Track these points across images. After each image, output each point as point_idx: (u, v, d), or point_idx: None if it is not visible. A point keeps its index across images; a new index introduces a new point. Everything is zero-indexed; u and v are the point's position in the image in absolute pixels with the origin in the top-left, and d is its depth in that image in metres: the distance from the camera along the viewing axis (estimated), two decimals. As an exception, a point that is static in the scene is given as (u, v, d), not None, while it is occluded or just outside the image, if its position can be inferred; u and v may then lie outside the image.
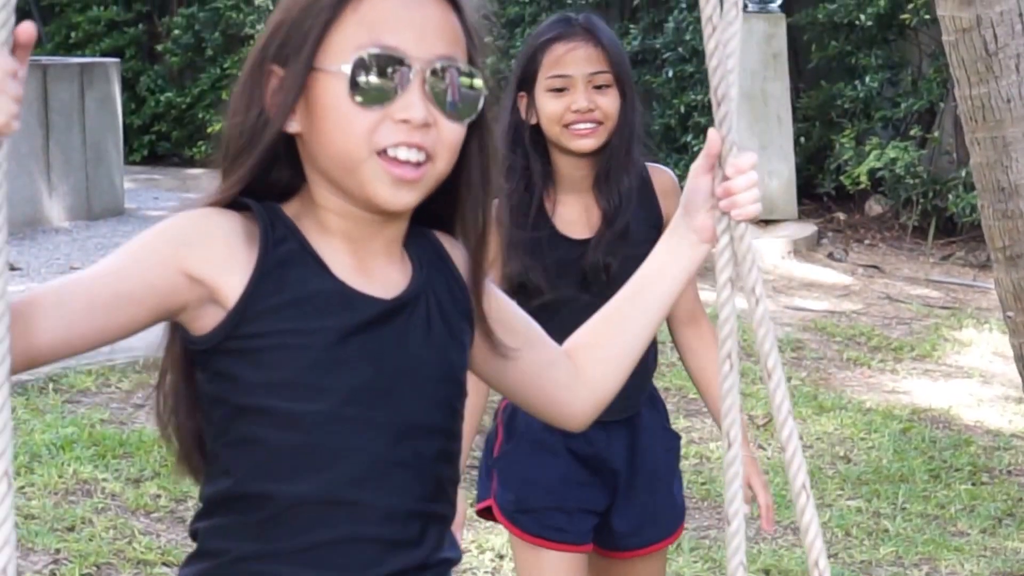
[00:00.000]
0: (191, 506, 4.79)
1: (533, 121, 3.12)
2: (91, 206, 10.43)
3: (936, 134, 10.65)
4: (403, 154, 1.73)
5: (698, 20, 11.65)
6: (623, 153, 3.09)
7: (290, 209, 1.80)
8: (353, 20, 1.74)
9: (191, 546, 1.84)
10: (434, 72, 1.74)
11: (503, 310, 1.90)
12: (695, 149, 11.05)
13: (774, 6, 10.53)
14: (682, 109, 11.19)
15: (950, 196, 10.13)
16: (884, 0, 10.52)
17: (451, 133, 1.76)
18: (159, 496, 4.81)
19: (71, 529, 4.52)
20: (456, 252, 1.87)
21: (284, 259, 1.75)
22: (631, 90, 3.11)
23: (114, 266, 1.74)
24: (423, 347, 1.80)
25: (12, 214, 7.22)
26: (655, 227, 3.04)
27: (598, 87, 3.07)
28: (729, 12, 1.88)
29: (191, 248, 1.75)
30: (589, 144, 3.06)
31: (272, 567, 1.75)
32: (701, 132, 11.15)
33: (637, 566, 3.28)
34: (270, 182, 1.80)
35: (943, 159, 10.67)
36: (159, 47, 13.96)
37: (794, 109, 10.70)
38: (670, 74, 11.20)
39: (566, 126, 3.06)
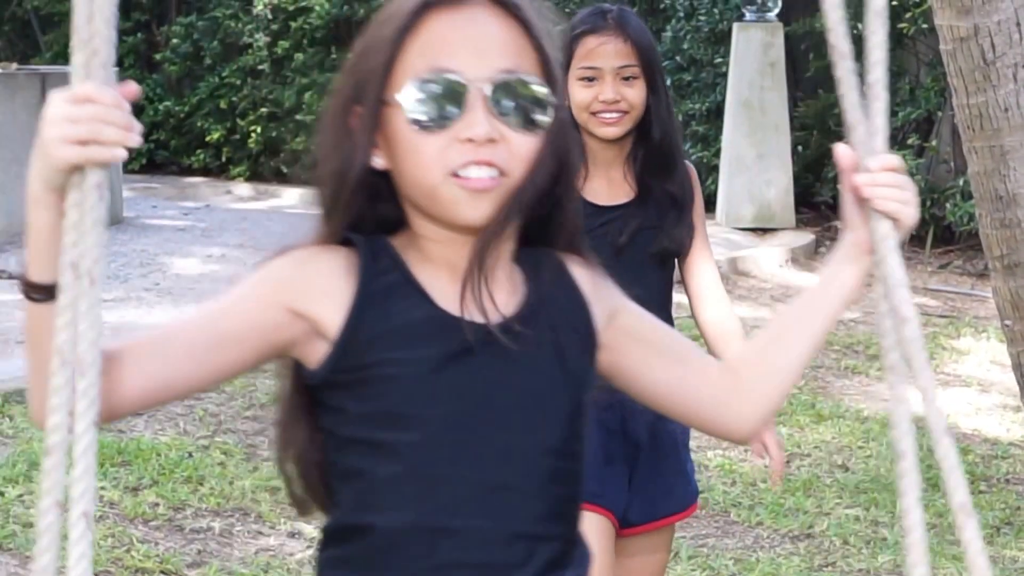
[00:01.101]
0: (189, 514, 4.79)
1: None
2: (89, 215, 10.43)
3: (934, 143, 10.66)
4: (474, 172, 1.74)
5: (696, 29, 11.73)
6: (665, 142, 3.32)
7: (398, 241, 1.81)
8: (413, 49, 1.76)
9: (188, 554, 1.85)
10: (496, 87, 1.75)
11: (641, 327, 1.91)
12: (693, 158, 11.07)
13: (772, 15, 10.55)
14: (680, 118, 11.19)
15: (948, 205, 10.14)
16: (882, 9, 10.53)
17: (522, 146, 1.76)
18: (157, 504, 4.81)
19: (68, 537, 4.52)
20: (581, 271, 1.87)
21: (386, 290, 1.78)
22: (661, 80, 3.35)
23: (216, 308, 1.79)
24: (529, 368, 1.80)
25: (11, 222, 7.27)
26: (679, 210, 3.33)
27: (625, 79, 3.28)
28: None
29: (292, 284, 1.78)
30: (613, 132, 3.27)
31: None
32: (700, 140, 11.17)
33: (645, 541, 3.36)
34: (379, 217, 1.81)
35: (941, 168, 10.68)
36: (157, 56, 13.98)
37: (792, 118, 10.72)
38: (668, 83, 11.18)
39: (593, 114, 3.27)
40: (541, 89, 1.77)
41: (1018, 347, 4.65)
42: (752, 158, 10.33)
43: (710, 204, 10.60)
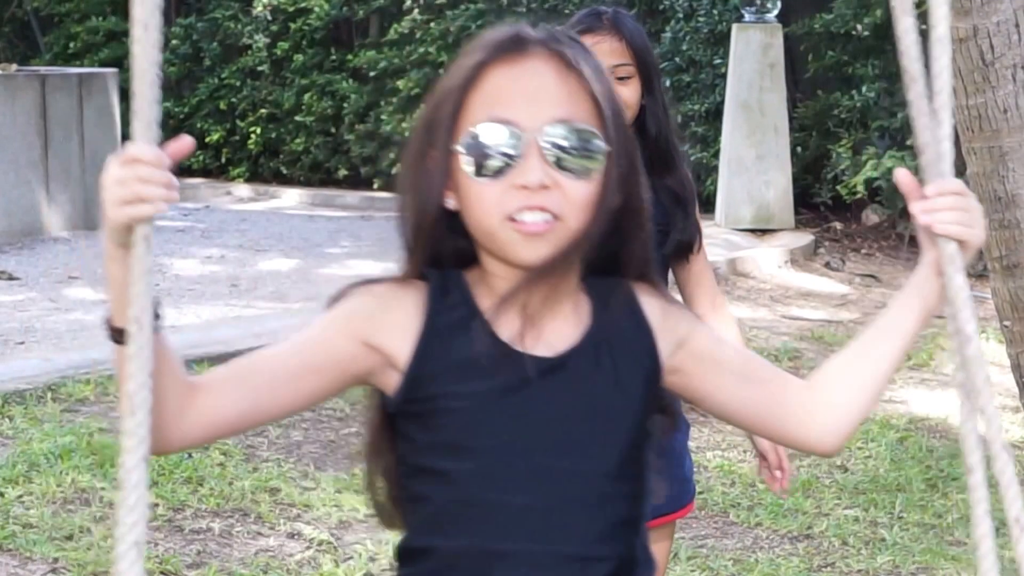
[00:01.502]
0: (188, 515, 4.80)
1: None
2: (89, 216, 10.44)
3: (933, 144, 10.67)
4: (528, 217, 1.84)
5: (695, 31, 11.74)
6: (662, 140, 3.30)
7: (472, 275, 1.92)
8: (475, 100, 1.87)
9: (188, 555, 1.87)
10: (550, 136, 1.84)
11: (714, 351, 1.99)
12: (692, 159, 11.07)
13: (771, 16, 10.55)
14: (679, 119, 11.19)
15: (947, 206, 10.14)
16: (881, 10, 10.54)
17: (576, 192, 1.84)
18: (156, 505, 4.81)
19: (69, 538, 4.52)
20: (650, 300, 1.95)
21: (452, 325, 1.88)
22: (657, 80, 3.31)
23: (297, 341, 1.91)
24: (585, 397, 1.89)
25: (10, 223, 7.26)
26: (683, 206, 3.32)
27: (620, 78, 3.24)
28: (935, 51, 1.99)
29: (366, 318, 1.90)
30: None
31: None
32: (698, 141, 11.18)
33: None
34: (457, 251, 1.91)
35: (940, 169, 10.68)
36: (157, 57, 13.98)
37: (791, 119, 10.72)
38: (667, 84, 11.21)
39: None
40: (594, 137, 1.85)
41: (1017, 348, 4.66)
42: (751, 159, 10.34)
43: (709, 205, 10.61)
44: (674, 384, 1.97)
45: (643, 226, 1.92)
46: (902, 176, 1.95)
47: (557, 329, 1.90)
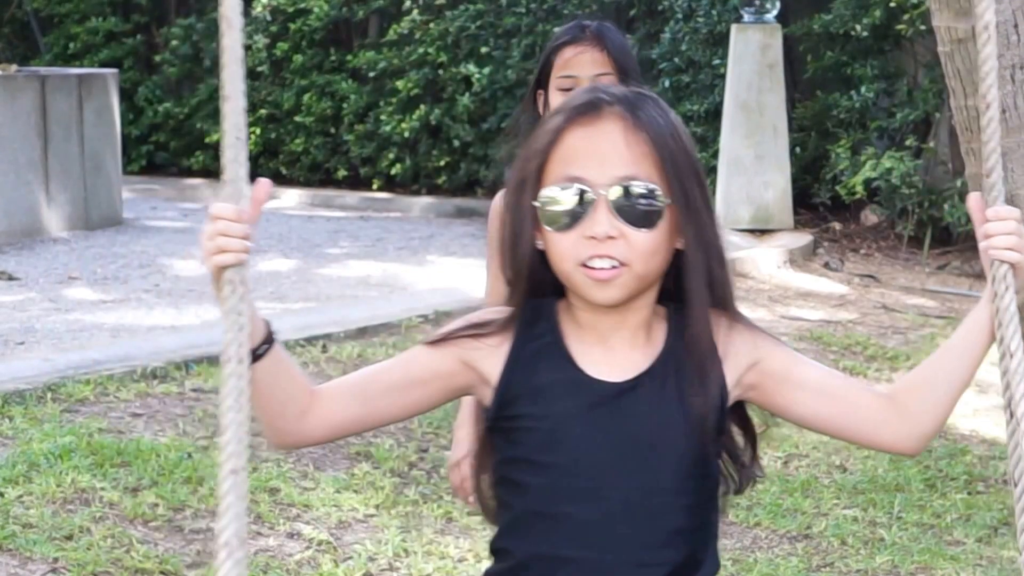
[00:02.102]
0: (188, 515, 4.80)
1: None
2: (89, 216, 10.45)
3: (932, 144, 10.67)
4: (597, 264, 2.10)
5: (694, 31, 11.74)
6: None
7: (562, 304, 2.18)
8: (555, 158, 2.13)
9: (188, 555, 1.91)
10: (616, 193, 2.10)
11: (789, 370, 2.21)
12: (692, 159, 11.06)
13: (770, 17, 10.56)
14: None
15: (946, 206, 10.15)
16: (880, 11, 10.55)
17: (640, 241, 2.10)
18: (157, 505, 4.82)
19: (69, 538, 4.53)
20: (723, 326, 2.17)
21: (536, 352, 2.16)
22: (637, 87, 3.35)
23: (406, 357, 2.22)
24: (650, 420, 2.14)
25: (11, 224, 7.28)
26: None
27: None
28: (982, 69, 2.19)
29: (467, 341, 2.18)
30: None
31: None
32: (697, 142, 11.18)
33: None
34: (555, 283, 2.17)
35: (939, 169, 10.69)
36: (157, 58, 13.99)
37: (790, 119, 10.73)
38: (666, 84, 11.22)
39: None
40: (654, 193, 2.11)
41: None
42: (750, 159, 10.35)
43: (709, 205, 10.61)
44: (753, 399, 2.23)
45: (711, 260, 2.15)
46: (972, 202, 2.15)
47: (629, 356, 2.15)
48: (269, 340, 2.14)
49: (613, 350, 2.15)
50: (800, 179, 10.89)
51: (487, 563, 5.11)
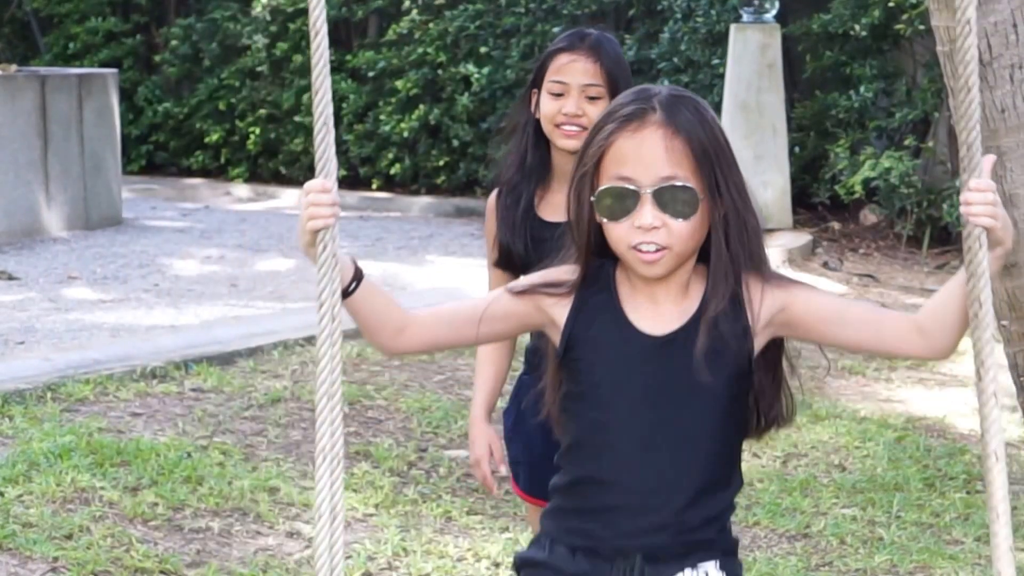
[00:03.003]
0: (188, 514, 4.81)
1: (538, 116, 3.62)
2: (89, 216, 10.46)
3: (930, 144, 10.68)
4: (645, 247, 2.58)
5: (693, 31, 11.73)
6: None
7: (620, 268, 2.66)
8: (607, 161, 2.61)
9: (187, 554, 1.91)
10: (658, 191, 2.58)
11: (817, 308, 2.67)
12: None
13: (769, 17, 10.57)
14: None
15: (944, 206, 10.15)
16: (879, 11, 10.56)
17: (679, 229, 2.58)
18: (156, 504, 4.83)
19: (69, 537, 4.53)
20: (755, 284, 2.64)
21: (597, 305, 2.65)
22: None
23: (493, 295, 2.74)
24: (681, 369, 2.60)
25: (10, 224, 7.28)
26: None
27: (591, 98, 3.55)
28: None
29: (543, 294, 2.68)
30: (572, 144, 3.50)
31: (574, 520, 2.66)
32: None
33: None
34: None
35: (937, 169, 10.70)
36: (157, 58, 13.99)
37: (789, 119, 10.74)
38: (665, 84, 11.21)
39: (557, 125, 3.56)
40: (689, 190, 2.58)
41: (1015, 347, 4.67)
42: (749, 159, 10.35)
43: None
44: (789, 335, 2.71)
45: (742, 232, 2.62)
46: (986, 162, 2.50)
47: (672, 311, 2.63)
48: (358, 279, 2.67)
49: (659, 305, 2.64)
50: (799, 179, 10.90)
51: (486, 563, 5.14)
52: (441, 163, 12.50)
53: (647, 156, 2.58)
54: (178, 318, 7.59)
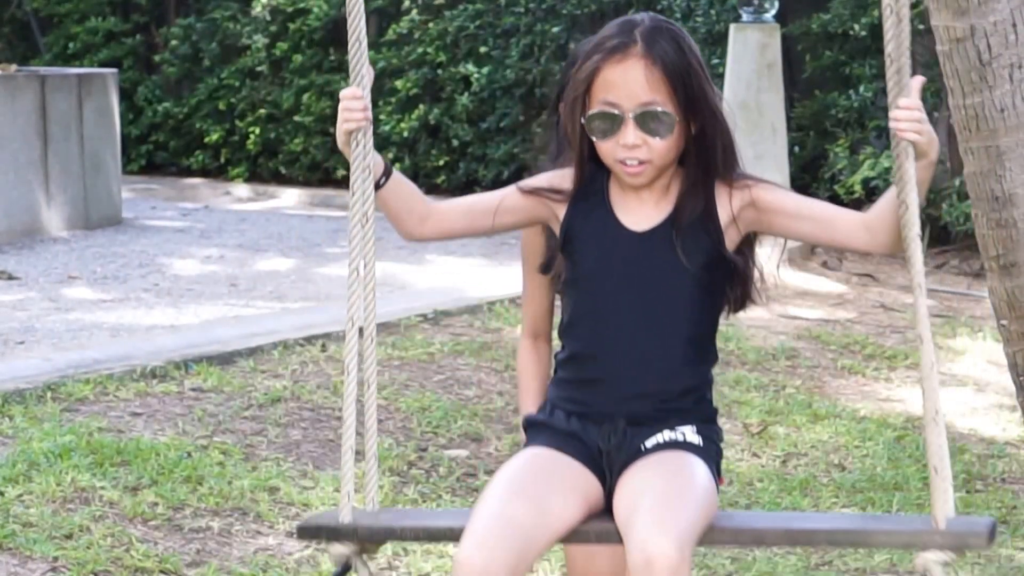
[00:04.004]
0: (188, 514, 4.81)
1: None
2: (89, 216, 10.45)
3: (930, 144, 10.66)
4: (629, 162, 3.02)
5: (692, 31, 11.73)
6: None
7: (613, 175, 3.06)
8: (594, 88, 3.02)
9: (187, 554, 1.91)
10: (639, 114, 2.99)
11: (779, 203, 3.08)
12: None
13: (769, 16, 10.57)
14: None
15: (944, 205, 10.15)
16: (878, 10, 10.54)
17: (658, 146, 3.01)
18: (156, 504, 4.83)
19: (69, 537, 4.53)
20: (725, 188, 3.07)
21: (592, 205, 3.08)
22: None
23: (503, 193, 3.12)
24: (658, 261, 3.01)
25: (10, 223, 7.27)
26: None
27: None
28: None
29: (543, 186, 3.12)
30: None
31: (570, 389, 3.07)
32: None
33: None
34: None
35: (937, 168, 10.66)
36: (157, 58, 13.99)
37: (788, 119, 10.73)
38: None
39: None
40: (667, 114, 2.99)
41: (1014, 347, 4.66)
42: (749, 159, 10.26)
43: (707, 205, 10.61)
44: (756, 229, 3.09)
45: (717, 143, 3.04)
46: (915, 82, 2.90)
47: (650, 212, 3.06)
48: (388, 173, 3.03)
49: (643, 205, 3.05)
50: (799, 178, 10.89)
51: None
52: (441, 163, 12.50)
53: (629, 84, 2.99)
54: (178, 318, 7.59)
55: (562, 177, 3.12)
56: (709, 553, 4.96)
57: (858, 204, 10.73)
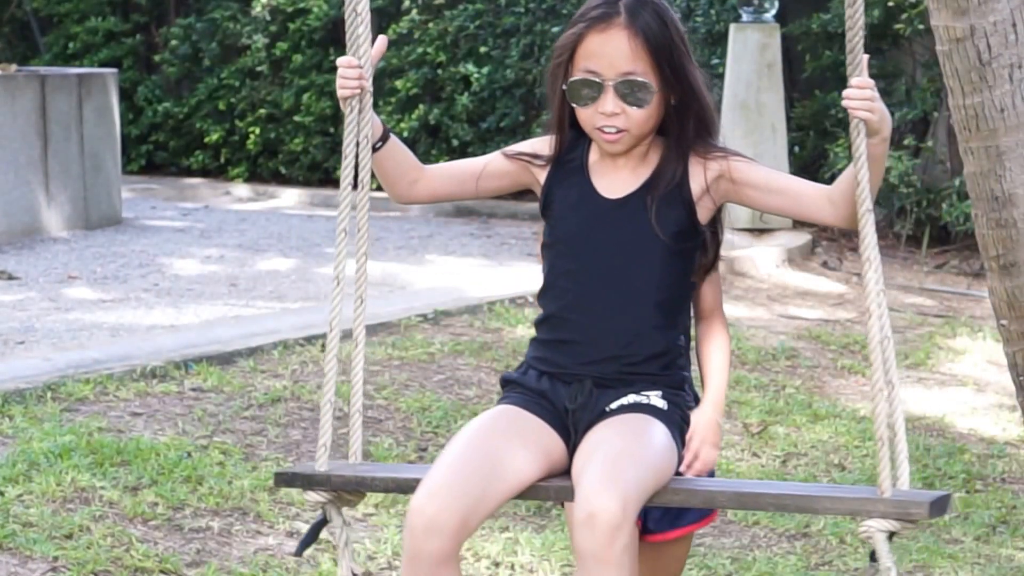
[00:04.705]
0: (188, 514, 4.81)
1: None
2: (89, 216, 10.45)
3: (930, 143, 10.68)
4: (607, 130, 3.11)
5: (692, 31, 11.71)
6: None
7: (593, 142, 3.17)
8: (577, 55, 3.12)
9: (187, 554, 1.91)
10: (618, 83, 3.08)
11: (749, 177, 3.15)
12: (691, 159, 11.07)
13: (768, 16, 10.57)
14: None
15: (944, 205, 10.16)
16: (878, 10, 10.56)
17: (636, 115, 3.11)
18: (156, 504, 4.83)
19: (69, 537, 4.53)
20: (699, 159, 3.15)
21: (570, 171, 3.19)
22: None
23: (490, 157, 3.26)
24: (630, 227, 3.11)
25: (10, 223, 7.29)
26: None
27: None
28: None
29: (530, 153, 3.23)
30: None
31: (543, 349, 3.18)
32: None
33: (665, 549, 3.39)
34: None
35: (937, 168, 10.70)
36: (156, 57, 13.99)
37: (788, 119, 10.74)
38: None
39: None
40: (646, 85, 3.09)
41: (1014, 346, 4.66)
42: (748, 159, 10.34)
43: (707, 205, 10.62)
44: (730, 199, 3.17)
45: (694, 115, 3.13)
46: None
47: (626, 180, 3.15)
48: (385, 138, 3.18)
49: (619, 172, 3.15)
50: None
51: (486, 562, 5.14)
52: (441, 163, 12.50)
53: (611, 54, 3.08)
54: (178, 318, 7.58)
55: (544, 143, 3.22)
56: (709, 553, 4.97)
57: (858, 204, 10.74)
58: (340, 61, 3.08)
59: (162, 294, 8.34)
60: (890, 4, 10.52)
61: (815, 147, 11.08)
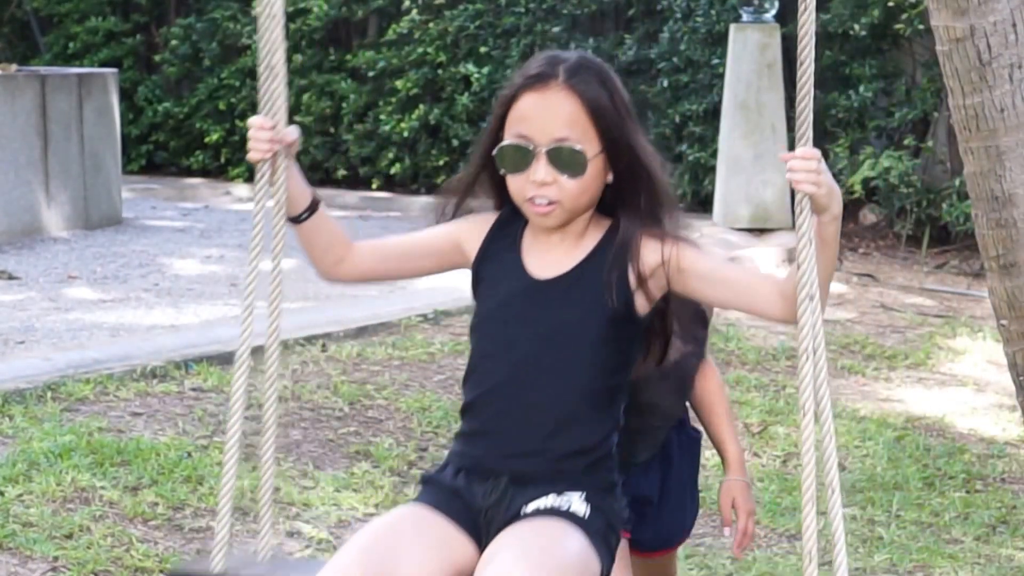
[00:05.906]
0: (188, 514, 4.81)
1: None
2: (89, 215, 10.45)
3: (930, 143, 10.68)
4: (538, 201, 2.84)
5: (693, 31, 11.73)
6: None
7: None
8: (510, 118, 2.85)
9: (187, 554, 1.92)
10: (551, 150, 2.81)
11: (695, 266, 2.82)
12: (690, 159, 11.09)
13: (769, 16, 10.57)
14: (677, 119, 11.21)
15: (944, 205, 10.16)
16: (878, 10, 10.56)
17: (569, 185, 2.82)
18: (156, 504, 4.83)
19: (69, 537, 4.53)
20: (647, 241, 2.82)
21: (502, 248, 2.92)
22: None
23: (423, 234, 2.99)
24: (554, 311, 2.84)
25: (10, 223, 7.29)
26: None
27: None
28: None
29: (462, 230, 2.97)
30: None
31: (462, 443, 2.93)
32: (696, 141, 11.20)
33: (658, 560, 3.46)
34: None
35: (937, 168, 10.70)
36: (157, 57, 13.99)
37: (788, 119, 10.74)
38: (665, 84, 11.22)
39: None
40: (581, 153, 2.80)
41: (1014, 346, 4.67)
42: (749, 159, 10.35)
43: (707, 205, 10.63)
44: (674, 288, 2.84)
45: (640, 190, 2.83)
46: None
47: (559, 259, 2.87)
48: (312, 209, 3.00)
49: (552, 251, 2.88)
50: (799, 178, 10.88)
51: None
52: (441, 163, 12.50)
53: (545, 117, 2.80)
54: (178, 318, 7.58)
55: (478, 220, 2.97)
56: (709, 553, 4.96)
57: (858, 204, 10.75)
58: (251, 121, 2.87)
59: (162, 294, 8.34)
60: (890, 4, 10.52)
61: (815, 147, 11.06)
